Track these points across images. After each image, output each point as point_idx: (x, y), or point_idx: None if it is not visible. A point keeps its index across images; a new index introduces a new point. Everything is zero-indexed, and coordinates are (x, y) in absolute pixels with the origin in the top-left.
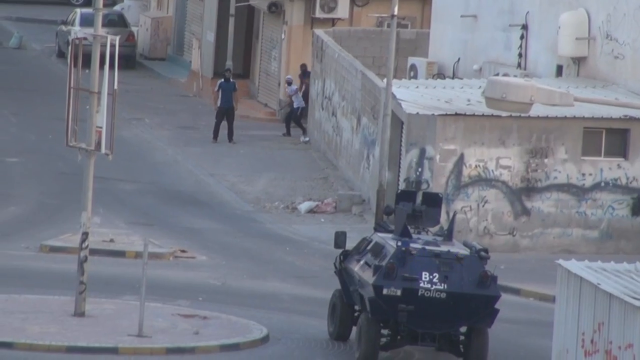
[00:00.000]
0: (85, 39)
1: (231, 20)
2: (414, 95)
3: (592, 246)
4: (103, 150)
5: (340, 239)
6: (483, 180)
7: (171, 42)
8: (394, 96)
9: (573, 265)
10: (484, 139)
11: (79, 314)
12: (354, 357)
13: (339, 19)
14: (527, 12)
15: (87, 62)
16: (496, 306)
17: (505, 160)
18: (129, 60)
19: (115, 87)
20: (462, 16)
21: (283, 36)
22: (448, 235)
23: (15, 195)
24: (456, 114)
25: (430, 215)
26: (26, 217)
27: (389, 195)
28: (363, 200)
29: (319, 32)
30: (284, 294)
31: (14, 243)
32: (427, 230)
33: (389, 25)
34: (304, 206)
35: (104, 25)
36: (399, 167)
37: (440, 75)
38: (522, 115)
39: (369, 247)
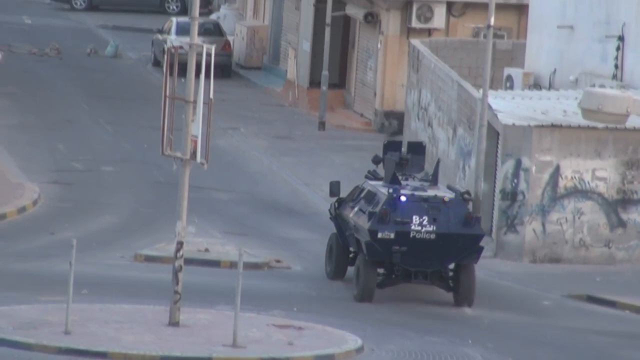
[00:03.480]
0: (181, 47)
1: (327, 30)
2: (510, 106)
3: None
4: (198, 159)
5: (334, 187)
6: (579, 192)
7: (267, 51)
8: (489, 107)
9: None
10: (580, 151)
11: (174, 323)
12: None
13: (435, 29)
14: (624, 24)
15: (182, 70)
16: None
17: (601, 172)
18: (224, 69)
19: (211, 96)
20: (558, 27)
21: (379, 46)
22: (433, 180)
23: (111, 204)
24: (552, 125)
25: (415, 162)
26: (121, 226)
27: (485, 206)
28: None
29: (415, 42)
30: (379, 304)
31: (109, 252)
32: (413, 176)
33: (485, 36)
34: None
35: (200, 34)
36: (495, 178)
37: (537, 86)
38: (618, 126)
39: (362, 195)
